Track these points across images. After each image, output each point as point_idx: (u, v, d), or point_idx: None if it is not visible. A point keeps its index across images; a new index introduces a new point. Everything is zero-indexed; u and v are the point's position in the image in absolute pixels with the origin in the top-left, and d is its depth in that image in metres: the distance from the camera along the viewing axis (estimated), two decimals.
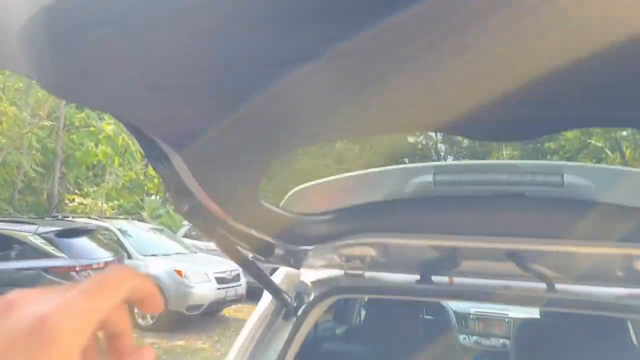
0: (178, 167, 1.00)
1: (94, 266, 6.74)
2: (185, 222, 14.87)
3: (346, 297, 2.07)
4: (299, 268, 1.77)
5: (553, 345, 2.32)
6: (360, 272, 1.73)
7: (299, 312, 1.64)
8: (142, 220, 14.55)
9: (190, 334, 8.82)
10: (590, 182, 1.40)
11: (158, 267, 9.18)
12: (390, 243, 1.62)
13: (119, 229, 9.79)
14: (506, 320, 4.39)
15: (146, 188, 23.58)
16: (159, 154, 0.99)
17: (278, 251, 1.62)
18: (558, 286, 1.57)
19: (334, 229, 1.56)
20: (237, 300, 10.00)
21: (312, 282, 1.78)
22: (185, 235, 13.07)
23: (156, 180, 24.56)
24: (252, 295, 10.83)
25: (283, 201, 1.68)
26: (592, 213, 1.36)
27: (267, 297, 1.74)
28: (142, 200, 19.27)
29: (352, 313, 3.59)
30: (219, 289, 9.33)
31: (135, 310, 8.66)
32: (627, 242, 1.37)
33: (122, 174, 15.10)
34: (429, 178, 1.49)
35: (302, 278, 1.81)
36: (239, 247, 1.46)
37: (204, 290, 9.06)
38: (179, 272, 9.05)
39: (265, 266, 1.71)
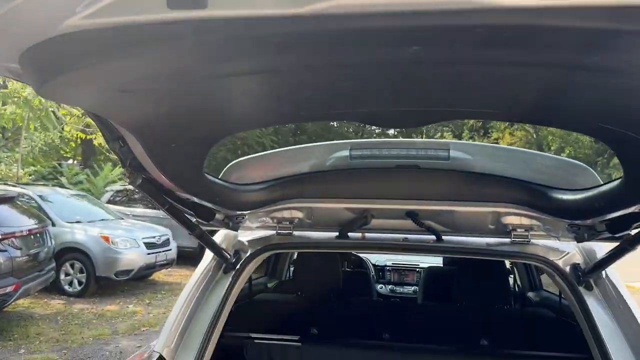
0: (133, 147, 1.25)
1: (17, 234, 6.57)
2: (108, 189, 14.48)
3: (278, 252, 2.38)
4: (236, 230, 2.06)
5: (450, 285, 2.81)
6: (290, 231, 2.05)
7: (237, 267, 1.94)
8: (61, 186, 13.99)
9: (121, 298, 8.86)
10: (469, 156, 1.79)
11: (83, 234, 9.04)
12: (314, 207, 1.95)
13: (39, 196, 9.44)
14: (417, 270, 4.94)
15: (62, 152, 22.41)
16: (118, 136, 1.23)
17: (219, 216, 1.90)
18: (444, 237, 1.99)
19: (266, 196, 1.85)
20: (167, 264, 10.09)
21: (248, 241, 2.08)
22: (109, 202, 12.79)
23: (73, 144, 23.33)
24: (182, 260, 10.94)
25: (222, 173, 1.94)
26: (470, 180, 1.76)
27: (209, 255, 2.01)
28: (59, 165, 18.38)
29: (282, 269, 3.95)
30: (148, 254, 9.37)
31: (62, 277, 8.55)
32: (496, 202, 1.79)
33: (38, 138, 14.31)
34: (345, 153, 1.82)
35: (240, 238, 2.10)
36: (185, 214, 1.73)
37: (132, 255, 9.07)
38: (105, 238, 8.98)
39: (207, 229, 1.98)
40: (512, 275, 3.85)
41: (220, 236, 2.09)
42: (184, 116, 1.20)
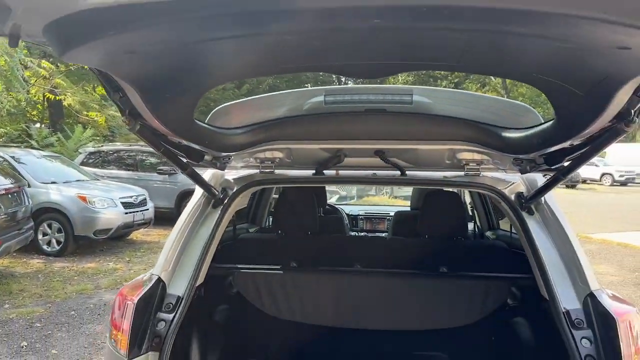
0: (132, 98, 1.44)
1: None
2: (81, 150, 14.33)
3: (261, 187, 2.60)
4: (223, 169, 2.27)
5: (415, 224, 3.11)
6: (272, 169, 2.27)
7: (225, 201, 2.16)
8: (32, 149, 13.78)
9: (100, 257, 9.01)
10: (430, 100, 2.02)
11: (60, 194, 9.07)
12: (293, 147, 2.17)
13: (11, 157, 9.37)
14: (387, 218, 5.25)
15: (29, 115, 21.83)
16: (118, 88, 1.41)
17: (207, 157, 2.11)
18: (408, 172, 2.24)
19: (250, 139, 2.06)
20: (145, 224, 10.22)
21: (234, 179, 2.30)
22: (82, 164, 12.70)
23: (40, 107, 22.72)
24: (159, 221, 11.07)
25: (208, 117, 2.14)
26: (430, 121, 2.00)
27: (198, 191, 2.22)
28: (27, 127, 17.99)
29: (263, 217, 4.20)
30: (126, 213, 9.48)
31: (40, 237, 8.61)
32: (452, 141, 2.04)
33: (5, 100, 13.95)
34: (320, 98, 2.03)
35: (227, 176, 2.32)
36: (177, 156, 1.93)
37: (110, 215, 9.17)
38: (82, 198, 9.03)
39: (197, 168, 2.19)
40: (472, 217, 4.21)
41: (208, 175, 2.30)
42: (176, 71, 1.39)
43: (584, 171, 31.71)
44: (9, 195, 7.03)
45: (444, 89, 2.72)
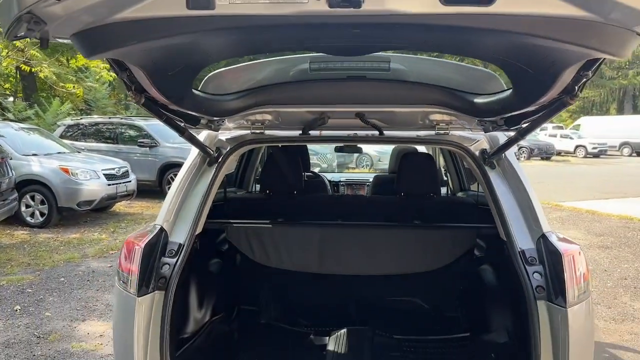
0: (138, 77, 1.63)
1: None
2: (60, 123, 14.19)
3: (252, 147, 2.80)
4: (217, 130, 2.46)
5: (392, 185, 3.36)
6: (262, 130, 2.46)
7: (219, 160, 2.35)
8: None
9: (85, 228, 9.11)
10: (406, 67, 2.24)
11: (42, 166, 9.09)
12: (281, 111, 2.36)
13: None
14: (367, 184, 5.50)
15: (1, 89, 21.32)
16: (125, 68, 1.60)
17: (203, 121, 2.30)
18: (385, 132, 2.47)
19: (242, 104, 2.25)
20: (128, 195, 10.31)
21: (227, 139, 2.49)
22: (62, 136, 12.61)
23: (12, 79, 22.20)
24: (141, 193, 11.16)
25: (202, 83, 2.31)
26: (405, 87, 2.21)
27: (194, 152, 2.41)
28: (1, 101, 17.64)
29: (249, 181, 4.40)
30: (109, 185, 9.56)
31: (23, 208, 8.64)
32: (424, 104, 2.26)
33: None
34: (306, 66, 2.22)
35: (220, 137, 2.51)
36: (176, 121, 2.12)
37: (93, 186, 9.24)
38: (65, 170, 9.07)
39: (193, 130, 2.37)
40: (446, 180, 4.50)
41: (203, 136, 2.49)
42: (177, 55, 1.60)
43: (558, 144, 32.54)
44: None
45: (420, 57, 2.89)
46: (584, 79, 1.53)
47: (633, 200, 12.92)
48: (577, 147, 32.46)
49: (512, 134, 2.22)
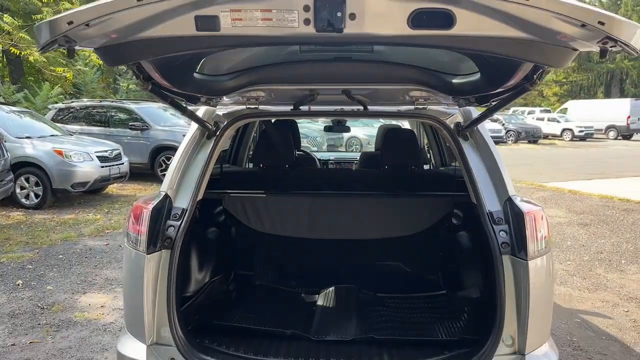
0: (147, 68, 1.85)
1: None
2: (50, 107, 14.21)
3: (248, 121, 3.00)
4: (215, 106, 2.67)
5: (378, 160, 3.60)
6: (256, 106, 2.67)
7: (218, 133, 2.56)
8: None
9: (79, 209, 9.26)
10: (387, 49, 2.44)
11: (36, 148, 9.20)
12: (273, 88, 2.57)
13: None
14: (355, 162, 5.75)
15: None
16: (136, 62, 1.81)
17: (202, 99, 2.51)
18: (369, 107, 2.69)
19: (237, 83, 2.45)
20: (121, 177, 10.45)
21: (224, 114, 2.69)
22: (53, 120, 12.66)
23: (0, 64, 22.03)
24: (133, 176, 11.30)
25: (199, 65, 2.51)
26: (388, 67, 2.42)
27: (194, 126, 2.61)
28: None
29: (243, 159, 4.61)
30: (102, 166, 9.69)
31: (17, 190, 8.75)
32: (405, 83, 2.48)
33: None
34: (296, 48, 2.42)
35: (218, 112, 2.71)
36: (178, 101, 2.32)
37: (87, 168, 9.37)
38: (59, 152, 9.19)
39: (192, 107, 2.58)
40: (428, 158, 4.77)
41: (202, 111, 2.69)
42: (182, 52, 1.82)
43: (545, 127, 32.96)
44: None
45: None
46: (541, 70, 1.78)
47: (614, 181, 13.30)
48: (563, 130, 32.89)
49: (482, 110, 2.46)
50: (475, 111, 2.65)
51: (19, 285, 5.20)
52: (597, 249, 6.80)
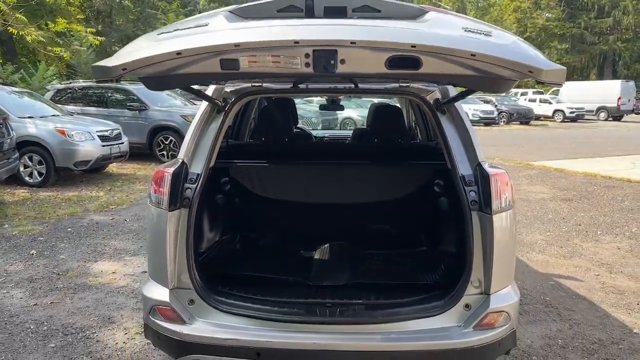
0: None
1: None
2: (49, 87, 14.39)
3: (253, 97, 3.33)
4: (224, 85, 3.01)
5: (370, 134, 3.96)
6: (260, 84, 3.01)
7: (227, 108, 2.89)
8: None
9: (82, 187, 9.57)
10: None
11: (39, 128, 9.45)
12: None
13: None
14: (348, 140, 6.11)
15: None
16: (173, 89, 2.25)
17: (212, 82, 2.86)
18: (360, 85, 3.04)
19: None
20: (122, 156, 10.72)
21: (231, 91, 3.03)
22: (52, 100, 12.85)
23: None
24: (131, 156, 11.57)
25: None
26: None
27: (204, 104, 2.95)
28: None
29: (244, 135, 4.96)
30: (103, 145, 9.97)
31: (21, 169, 9.04)
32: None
33: None
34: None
35: (226, 89, 3.05)
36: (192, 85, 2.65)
37: (89, 147, 9.65)
38: (61, 132, 9.45)
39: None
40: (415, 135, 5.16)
41: (211, 89, 3.02)
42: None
43: (537, 109, 33.34)
44: None
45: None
46: None
47: (600, 159, 13.75)
48: (555, 111, 33.29)
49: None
50: (453, 89, 3.00)
51: (32, 254, 5.55)
52: (576, 221, 7.22)
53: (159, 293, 2.51)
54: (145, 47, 1.84)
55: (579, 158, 13.98)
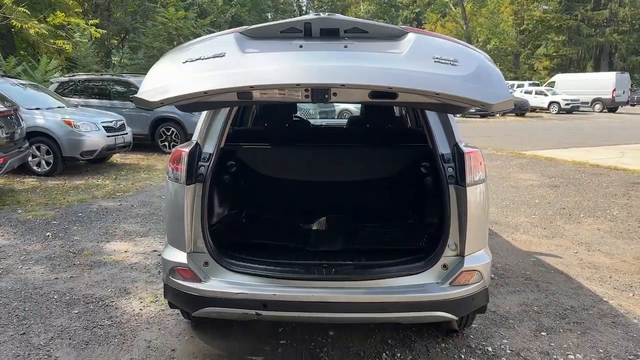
0: None
1: None
2: (52, 80, 14.68)
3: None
4: None
5: (364, 120, 4.35)
6: None
7: None
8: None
9: (88, 176, 9.92)
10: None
11: (46, 119, 9.78)
12: None
13: None
14: (344, 127, 6.49)
15: None
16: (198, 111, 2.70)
17: None
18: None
19: None
20: (125, 146, 11.07)
21: None
22: (55, 92, 13.16)
23: None
24: (135, 147, 11.91)
25: None
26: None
27: None
28: None
29: (248, 121, 5.34)
30: (108, 136, 10.32)
31: (30, 158, 9.40)
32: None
33: None
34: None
35: None
36: None
37: (95, 137, 9.99)
38: (68, 123, 9.79)
39: None
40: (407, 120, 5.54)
41: None
42: None
43: (533, 100, 33.69)
44: (8, 117, 7.79)
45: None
46: None
47: (590, 149, 14.13)
48: (550, 103, 33.65)
49: None
50: None
51: (48, 236, 5.91)
52: (561, 205, 7.61)
53: (178, 256, 2.88)
54: (175, 83, 2.25)
55: (570, 148, 14.36)
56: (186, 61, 2.31)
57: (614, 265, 5.12)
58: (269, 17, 40.51)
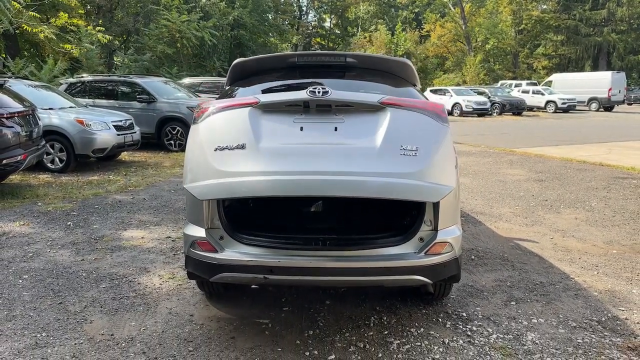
0: None
1: (19, 113, 7.92)
2: (62, 81, 15.23)
3: None
4: None
5: None
6: None
7: None
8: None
9: (99, 172, 10.47)
10: (355, 60, 3.70)
11: (60, 118, 10.33)
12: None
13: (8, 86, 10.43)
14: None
15: None
16: None
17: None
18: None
19: None
20: (134, 144, 11.60)
21: None
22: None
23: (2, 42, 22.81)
24: (142, 145, 12.45)
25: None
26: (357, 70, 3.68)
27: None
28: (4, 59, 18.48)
29: None
30: (118, 135, 10.86)
31: (44, 156, 9.94)
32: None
33: None
34: (295, 59, 3.70)
35: None
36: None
37: (106, 136, 10.53)
38: (80, 122, 10.33)
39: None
40: None
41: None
42: None
43: (530, 100, 34.21)
44: (27, 117, 8.34)
45: (367, 55, 4.37)
46: None
47: (580, 146, 14.66)
48: (547, 102, 34.16)
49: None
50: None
51: (69, 225, 6.45)
52: (544, 198, 8.15)
53: (198, 231, 3.41)
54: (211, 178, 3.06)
55: (560, 145, 14.89)
56: (216, 149, 3.10)
57: (584, 249, 5.65)
58: (269, 17, 41.06)
